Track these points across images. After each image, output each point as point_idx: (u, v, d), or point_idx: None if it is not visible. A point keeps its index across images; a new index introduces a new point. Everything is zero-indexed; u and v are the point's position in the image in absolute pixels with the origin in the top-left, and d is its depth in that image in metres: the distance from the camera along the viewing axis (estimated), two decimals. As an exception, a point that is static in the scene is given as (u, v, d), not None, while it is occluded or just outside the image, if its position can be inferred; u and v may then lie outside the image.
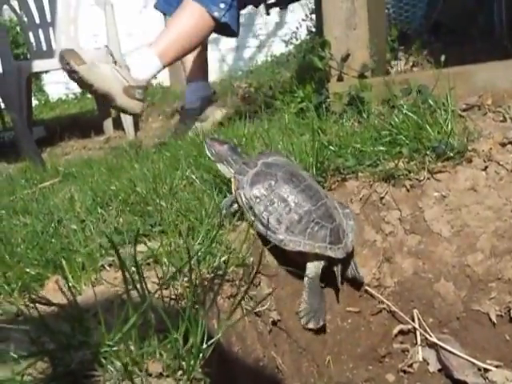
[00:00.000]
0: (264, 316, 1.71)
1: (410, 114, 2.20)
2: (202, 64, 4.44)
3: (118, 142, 5.45)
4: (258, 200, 1.84)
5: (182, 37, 3.64)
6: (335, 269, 1.87)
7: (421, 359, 1.88)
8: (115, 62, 3.47)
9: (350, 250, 1.87)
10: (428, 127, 2.10)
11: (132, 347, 1.06)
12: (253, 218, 1.84)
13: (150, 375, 1.03)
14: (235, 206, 1.90)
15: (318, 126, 2.38)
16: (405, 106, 2.29)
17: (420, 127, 2.12)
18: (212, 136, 2.32)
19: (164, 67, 3.63)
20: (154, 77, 3.70)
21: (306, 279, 1.85)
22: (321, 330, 1.89)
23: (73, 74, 3.34)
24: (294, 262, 1.87)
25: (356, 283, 1.99)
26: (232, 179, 1.95)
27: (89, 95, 8.88)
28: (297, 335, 1.82)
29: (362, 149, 2.16)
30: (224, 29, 3.84)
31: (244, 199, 1.86)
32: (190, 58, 4.32)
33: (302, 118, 2.86)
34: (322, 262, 1.85)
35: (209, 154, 2.04)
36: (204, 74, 4.49)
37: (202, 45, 4.27)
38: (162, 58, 3.56)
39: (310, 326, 1.83)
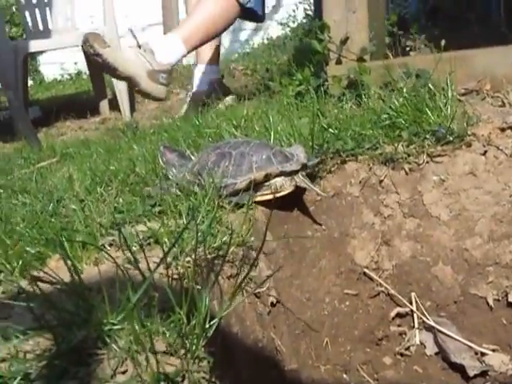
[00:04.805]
0: (263, 297, 1.71)
1: (409, 97, 2.20)
2: (216, 47, 4.44)
3: (114, 123, 5.44)
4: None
5: (207, 22, 3.66)
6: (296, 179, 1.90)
7: (418, 342, 1.89)
8: (139, 46, 3.48)
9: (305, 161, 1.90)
10: (428, 111, 2.10)
11: (135, 325, 1.06)
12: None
13: (154, 353, 1.03)
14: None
15: (317, 108, 2.39)
16: (404, 90, 2.30)
17: (419, 111, 2.12)
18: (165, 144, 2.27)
19: (188, 52, 3.66)
20: (179, 61, 3.72)
21: None
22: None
23: (96, 58, 3.35)
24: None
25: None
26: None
27: (84, 76, 8.87)
28: (295, 317, 1.83)
29: (361, 132, 2.16)
30: (249, 14, 3.88)
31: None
32: None
33: (300, 101, 2.86)
34: None
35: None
36: (217, 57, 4.51)
37: None
38: (186, 43, 3.59)
39: None
